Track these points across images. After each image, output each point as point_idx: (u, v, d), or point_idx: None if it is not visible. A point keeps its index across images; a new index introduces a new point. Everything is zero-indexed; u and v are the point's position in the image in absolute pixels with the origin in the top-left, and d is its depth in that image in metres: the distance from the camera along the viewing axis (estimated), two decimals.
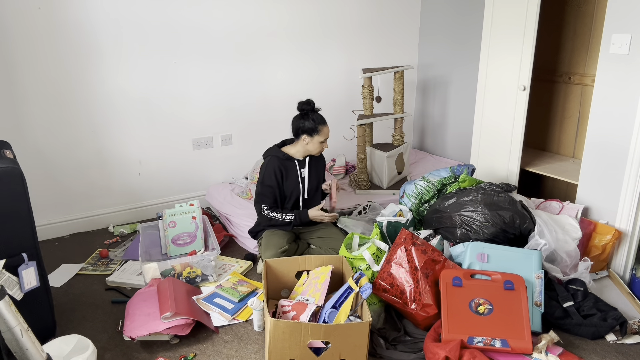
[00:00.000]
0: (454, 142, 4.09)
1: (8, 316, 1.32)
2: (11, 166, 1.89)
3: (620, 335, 2.14)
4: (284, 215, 2.61)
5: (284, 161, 2.66)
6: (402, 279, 2.15)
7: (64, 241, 3.15)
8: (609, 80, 2.57)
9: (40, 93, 2.97)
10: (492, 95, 3.29)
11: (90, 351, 1.81)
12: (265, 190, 2.63)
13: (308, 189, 2.71)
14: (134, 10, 3.10)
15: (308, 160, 2.70)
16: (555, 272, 2.37)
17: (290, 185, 2.66)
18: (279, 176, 2.63)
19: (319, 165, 2.78)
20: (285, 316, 2.03)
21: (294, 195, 2.68)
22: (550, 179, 3.52)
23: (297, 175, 2.67)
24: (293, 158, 2.67)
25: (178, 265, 2.48)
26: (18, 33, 2.83)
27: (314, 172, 2.73)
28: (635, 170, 2.49)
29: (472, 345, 1.95)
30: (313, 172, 2.73)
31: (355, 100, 3.96)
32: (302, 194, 2.70)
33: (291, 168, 2.66)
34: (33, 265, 1.93)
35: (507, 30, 3.09)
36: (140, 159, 3.37)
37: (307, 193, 2.70)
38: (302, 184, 2.69)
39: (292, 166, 2.66)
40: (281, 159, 2.65)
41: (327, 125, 2.64)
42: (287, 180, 2.66)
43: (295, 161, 2.67)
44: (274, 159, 2.65)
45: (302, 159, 2.69)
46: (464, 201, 2.50)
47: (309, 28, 3.72)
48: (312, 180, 2.72)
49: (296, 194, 2.68)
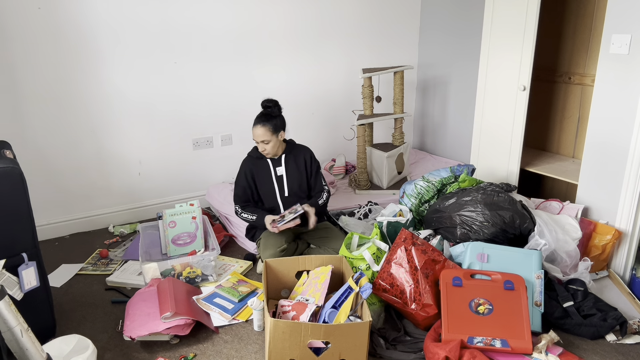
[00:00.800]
0: (454, 142, 4.09)
1: (8, 316, 1.32)
2: (11, 166, 1.89)
3: (620, 335, 2.14)
4: (250, 216, 2.63)
5: (256, 160, 2.69)
6: (402, 279, 2.15)
7: (64, 241, 3.15)
8: (609, 80, 2.57)
9: (40, 93, 2.97)
10: (492, 95, 3.29)
11: (90, 351, 1.81)
12: (237, 190, 2.68)
13: (288, 186, 2.69)
14: (135, 10, 3.10)
15: (284, 157, 2.69)
16: (555, 272, 2.37)
17: (263, 184, 2.68)
18: (249, 176, 2.67)
19: (301, 162, 2.72)
20: (285, 316, 2.03)
21: (268, 194, 2.69)
22: (550, 179, 3.52)
23: (269, 174, 2.67)
24: (265, 157, 2.68)
25: (178, 265, 2.48)
26: (18, 33, 2.83)
27: (295, 170, 2.70)
28: (635, 170, 2.49)
29: (472, 345, 1.95)
30: (293, 169, 2.70)
31: (355, 100, 3.96)
32: (279, 192, 2.69)
33: (263, 166, 2.68)
34: (33, 265, 1.93)
35: (507, 30, 3.10)
36: (140, 159, 3.37)
37: (287, 191, 2.69)
38: (279, 182, 2.68)
39: (264, 164, 2.68)
40: (253, 157, 2.70)
41: (259, 127, 2.55)
42: (259, 179, 2.68)
43: (268, 160, 2.68)
44: (247, 159, 2.71)
45: (276, 158, 2.69)
46: (464, 201, 2.50)
47: (309, 28, 3.72)
48: (293, 178, 2.70)
49: (270, 192, 2.68)
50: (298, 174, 2.71)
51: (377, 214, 3.02)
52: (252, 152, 2.73)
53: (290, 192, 2.70)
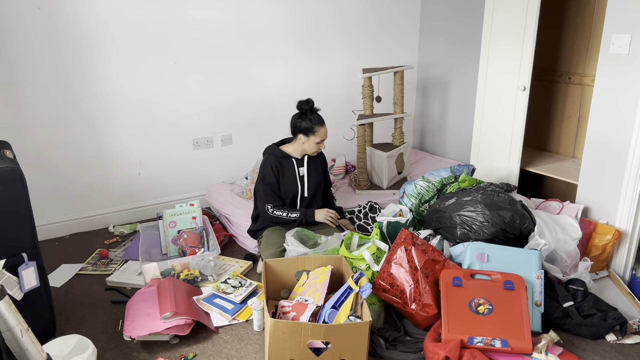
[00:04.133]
0: (454, 142, 4.09)
1: (8, 316, 1.32)
2: (11, 166, 1.88)
3: (620, 335, 2.14)
4: (289, 214, 2.64)
5: (281, 159, 2.68)
6: (402, 279, 2.15)
7: (64, 241, 3.15)
8: (609, 80, 2.57)
9: (40, 93, 2.97)
10: (492, 95, 3.29)
11: (90, 351, 1.81)
12: (267, 188, 2.66)
13: (308, 187, 2.72)
14: (135, 10, 3.10)
15: (307, 158, 2.71)
16: (555, 272, 2.37)
17: (287, 183, 2.68)
18: (276, 173, 2.65)
19: (319, 164, 2.79)
20: (286, 317, 2.03)
21: (290, 193, 2.70)
22: (550, 179, 3.52)
23: (294, 174, 2.69)
24: (290, 156, 2.69)
25: (178, 265, 2.48)
26: (18, 33, 2.83)
27: (314, 171, 2.75)
28: (635, 170, 2.49)
29: (472, 345, 1.95)
30: (312, 171, 2.74)
31: (355, 100, 3.96)
32: (300, 192, 2.71)
33: (288, 166, 2.68)
34: (33, 265, 1.93)
35: (507, 30, 3.09)
36: (140, 159, 3.37)
37: (306, 191, 2.72)
38: (301, 183, 2.70)
39: (289, 164, 2.68)
40: (278, 156, 2.68)
41: (325, 127, 2.65)
42: (284, 178, 2.68)
43: (293, 159, 2.69)
44: (271, 157, 2.69)
45: (300, 157, 2.71)
46: (463, 201, 2.50)
47: (309, 28, 3.72)
48: (312, 179, 2.74)
49: (293, 192, 2.70)
50: (316, 175, 2.76)
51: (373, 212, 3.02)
52: (274, 150, 2.71)
53: (309, 192, 2.73)
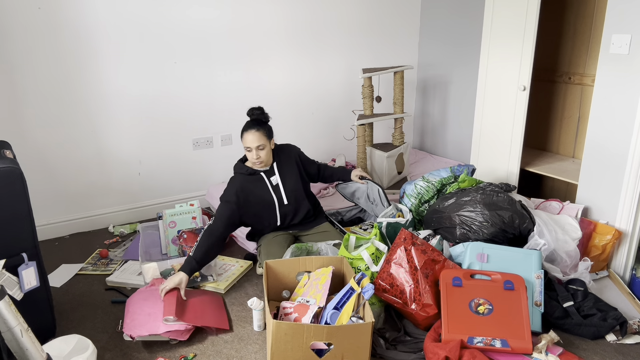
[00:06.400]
0: (454, 142, 4.09)
1: (8, 316, 1.32)
2: (11, 166, 1.88)
3: (620, 335, 2.14)
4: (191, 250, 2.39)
5: (248, 177, 2.53)
6: (402, 279, 2.15)
7: (64, 241, 3.15)
8: (609, 80, 2.57)
9: (40, 93, 2.97)
10: (492, 95, 3.29)
11: (90, 351, 1.81)
12: (221, 207, 2.47)
13: (287, 195, 2.58)
14: (134, 10, 3.10)
15: (276, 165, 2.58)
16: (555, 272, 2.37)
17: (260, 200, 2.54)
18: (241, 196, 2.49)
19: (293, 166, 2.62)
20: (287, 318, 2.03)
21: (267, 208, 2.56)
22: (550, 179, 3.52)
23: (266, 187, 2.54)
24: (257, 171, 2.55)
25: (178, 265, 2.48)
26: (18, 33, 2.83)
27: (289, 175, 2.60)
28: (635, 170, 2.49)
29: (472, 346, 1.95)
30: (287, 176, 2.60)
31: (355, 100, 3.96)
32: (277, 202, 2.57)
33: (257, 181, 2.54)
34: (33, 265, 1.93)
35: (507, 30, 3.10)
36: (140, 159, 3.37)
37: (285, 199, 2.58)
38: (276, 192, 2.57)
39: (258, 179, 2.54)
40: (245, 174, 2.53)
41: (251, 132, 2.42)
42: (254, 196, 2.52)
43: (261, 173, 2.55)
44: (238, 177, 2.53)
45: (269, 167, 2.57)
46: (463, 201, 2.50)
47: (309, 28, 3.72)
48: (289, 183, 2.59)
49: (269, 205, 2.55)
50: (293, 176, 2.61)
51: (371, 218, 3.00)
52: (240, 168, 2.55)
53: (289, 199, 2.59)
